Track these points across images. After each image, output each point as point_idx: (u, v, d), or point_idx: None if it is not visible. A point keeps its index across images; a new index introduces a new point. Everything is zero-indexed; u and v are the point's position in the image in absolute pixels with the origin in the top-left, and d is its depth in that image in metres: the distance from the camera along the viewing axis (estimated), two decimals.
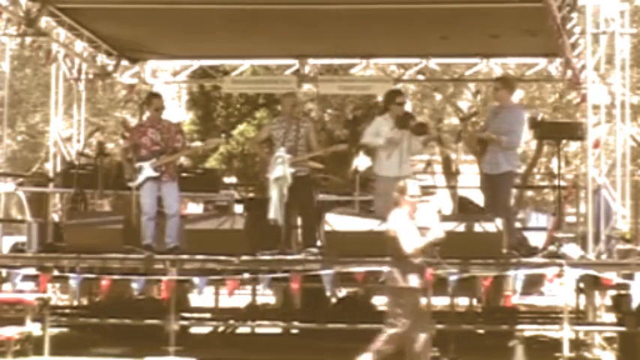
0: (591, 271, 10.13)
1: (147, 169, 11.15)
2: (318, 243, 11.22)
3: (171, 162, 11.29)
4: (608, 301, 12.52)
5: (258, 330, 12.71)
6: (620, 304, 10.95)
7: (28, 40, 13.13)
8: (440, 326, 10.37)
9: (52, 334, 10.88)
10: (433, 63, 15.09)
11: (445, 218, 11.11)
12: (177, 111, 22.76)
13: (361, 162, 12.67)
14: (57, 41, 13.51)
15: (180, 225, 11.11)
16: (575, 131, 12.43)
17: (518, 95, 19.46)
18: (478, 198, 12.45)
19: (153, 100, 11.65)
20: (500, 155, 10.95)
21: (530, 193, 21.78)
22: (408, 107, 12.55)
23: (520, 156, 12.09)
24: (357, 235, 10.55)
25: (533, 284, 12.53)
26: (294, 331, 12.52)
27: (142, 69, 15.44)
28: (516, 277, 10.30)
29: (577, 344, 11.08)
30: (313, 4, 11.70)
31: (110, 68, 14.84)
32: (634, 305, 10.06)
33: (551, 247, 11.10)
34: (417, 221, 8.99)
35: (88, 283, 11.76)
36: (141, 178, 11.15)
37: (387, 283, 9.02)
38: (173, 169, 11.39)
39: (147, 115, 11.88)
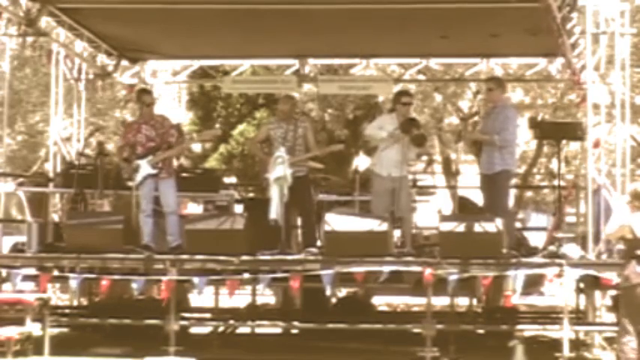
0: (591, 271, 10.14)
1: (144, 167, 11.14)
2: (318, 243, 11.23)
3: (167, 158, 11.27)
4: (608, 301, 12.52)
5: (258, 330, 12.70)
6: (620, 303, 10.94)
7: (28, 40, 13.12)
8: (440, 326, 10.38)
9: (52, 334, 10.88)
10: (433, 63, 15.09)
11: (445, 218, 11.16)
12: (178, 111, 22.75)
13: (361, 162, 12.69)
14: (57, 41, 13.50)
15: (181, 223, 11.11)
16: (575, 131, 12.43)
17: (518, 95, 19.52)
18: (478, 198, 12.45)
19: (143, 96, 11.63)
20: (496, 155, 10.97)
21: (530, 193, 21.78)
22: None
23: (520, 156, 12.09)
24: (357, 235, 10.55)
25: (533, 284, 12.55)
26: (294, 331, 12.51)
27: (142, 69, 15.44)
28: (516, 277, 10.31)
29: (577, 344, 11.08)
30: (313, 4, 11.70)
31: (110, 68, 14.83)
32: None
33: (551, 247, 11.10)
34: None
35: (88, 283, 11.76)
36: (139, 176, 11.15)
37: None
38: (170, 165, 11.37)
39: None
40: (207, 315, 13.24)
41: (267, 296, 15.08)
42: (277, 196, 10.73)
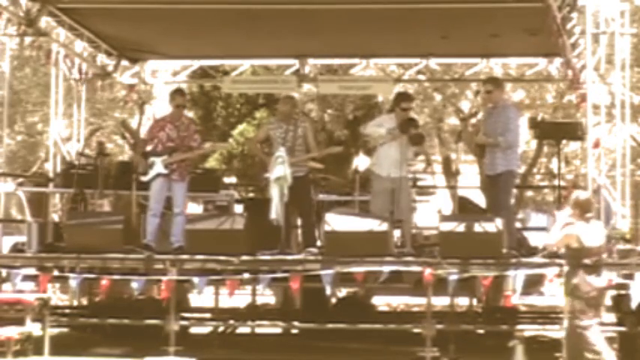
0: None
1: (157, 165, 11.15)
2: (318, 243, 11.23)
3: (182, 160, 11.25)
4: (608, 301, 12.52)
5: (258, 330, 12.71)
6: (620, 304, 10.95)
7: (28, 40, 13.12)
8: (440, 326, 10.38)
9: (52, 334, 10.87)
10: (433, 63, 15.09)
11: (445, 218, 11.15)
12: None
13: (361, 162, 12.69)
14: (57, 41, 13.50)
15: (184, 226, 11.11)
16: (575, 131, 12.44)
17: (519, 95, 19.52)
18: (478, 198, 12.45)
19: (175, 96, 11.64)
20: (499, 155, 10.96)
21: (530, 193, 21.77)
22: None
23: (520, 156, 12.08)
24: (357, 235, 10.54)
25: (533, 284, 12.54)
26: (294, 331, 12.52)
27: (142, 69, 15.43)
28: (516, 277, 10.31)
29: None
30: (313, 4, 11.70)
31: (110, 68, 14.83)
32: (634, 305, 10.07)
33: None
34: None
35: (88, 283, 11.76)
36: (152, 173, 11.16)
37: None
38: (184, 168, 11.33)
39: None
40: (207, 315, 13.25)
41: (267, 296, 15.08)
42: (277, 196, 10.73)
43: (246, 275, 10.70)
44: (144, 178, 11.24)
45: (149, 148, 11.36)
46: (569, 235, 9.19)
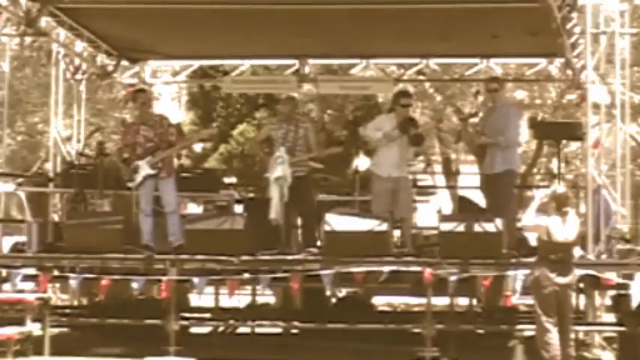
0: (591, 271, 10.13)
1: (144, 168, 11.13)
2: (318, 243, 11.22)
3: (167, 157, 11.25)
4: (608, 301, 12.52)
5: (258, 330, 12.70)
6: (620, 304, 10.95)
7: (28, 40, 13.12)
8: (440, 326, 10.38)
9: (52, 334, 10.87)
10: (433, 63, 15.09)
11: (445, 218, 11.15)
12: (178, 111, 22.74)
13: (361, 162, 12.69)
14: (57, 41, 13.50)
15: (182, 223, 11.11)
16: (575, 131, 12.43)
17: (519, 95, 19.52)
18: (478, 198, 12.44)
19: (138, 95, 11.62)
20: (498, 154, 10.97)
21: (530, 193, 21.76)
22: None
23: (520, 156, 12.09)
24: (357, 235, 10.54)
25: None
26: (294, 331, 12.51)
27: (142, 69, 15.43)
28: (516, 277, 10.31)
29: (577, 344, 11.07)
30: (313, 4, 11.70)
31: (110, 68, 14.83)
32: (634, 305, 10.08)
33: None
34: None
35: (88, 283, 11.75)
36: (139, 177, 11.13)
37: None
38: (170, 164, 11.34)
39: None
40: (207, 315, 13.24)
41: (267, 296, 15.07)
42: (277, 196, 10.73)
43: (246, 275, 10.70)
44: (132, 184, 11.23)
45: (126, 155, 11.30)
46: (539, 225, 9.22)
